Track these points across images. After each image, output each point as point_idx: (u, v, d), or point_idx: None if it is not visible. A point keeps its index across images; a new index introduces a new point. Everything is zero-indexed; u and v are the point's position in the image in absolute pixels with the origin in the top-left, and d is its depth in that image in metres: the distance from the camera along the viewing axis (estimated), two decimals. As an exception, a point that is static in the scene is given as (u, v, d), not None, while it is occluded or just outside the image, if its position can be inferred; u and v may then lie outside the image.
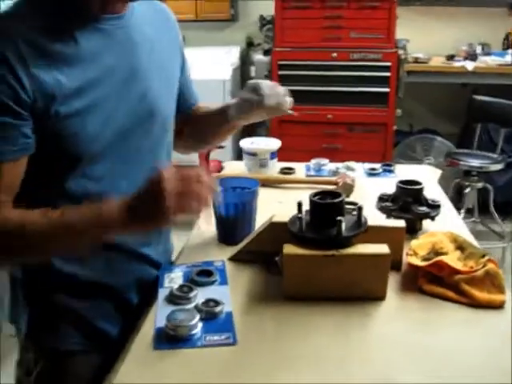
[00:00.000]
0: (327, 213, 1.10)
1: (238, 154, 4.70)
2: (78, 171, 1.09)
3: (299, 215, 1.12)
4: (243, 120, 1.38)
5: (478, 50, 4.67)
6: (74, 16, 1.07)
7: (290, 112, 1.40)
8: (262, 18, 4.62)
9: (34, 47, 1.00)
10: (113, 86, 1.11)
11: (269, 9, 4.01)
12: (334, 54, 3.78)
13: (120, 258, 1.21)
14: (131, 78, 1.15)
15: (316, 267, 1.08)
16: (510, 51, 4.58)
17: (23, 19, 1.02)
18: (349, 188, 1.64)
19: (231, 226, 1.34)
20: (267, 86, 1.35)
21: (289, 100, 1.38)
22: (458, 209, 3.68)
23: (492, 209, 3.80)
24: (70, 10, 1.06)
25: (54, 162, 1.08)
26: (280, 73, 3.88)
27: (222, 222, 1.36)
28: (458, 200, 3.93)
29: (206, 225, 1.31)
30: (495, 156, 3.77)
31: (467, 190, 3.73)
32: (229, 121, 1.37)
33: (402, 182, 1.41)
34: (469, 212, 3.83)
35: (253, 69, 4.76)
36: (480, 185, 3.73)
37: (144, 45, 1.19)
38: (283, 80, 3.86)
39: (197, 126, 1.46)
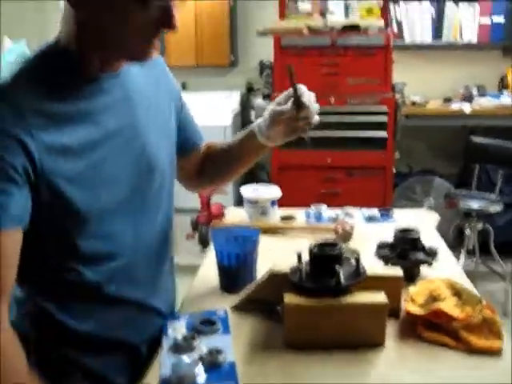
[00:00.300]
0: (326, 263, 1.13)
1: (239, 199, 4.74)
2: (86, 231, 1.11)
3: (299, 265, 1.16)
4: (273, 135, 1.35)
5: (474, 91, 4.75)
6: (73, 77, 1.09)
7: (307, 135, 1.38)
8: (261, 63, 4.72)
9: (36, 111, 1.02)
10: (113, 146, 1.14)
11: (268, 54, 4.10)
12: (332, 100, 3.85)
13: (132, 312, 1.23)
14: (130, 136, 1.17)
15: (316, 316, 1.11)
16: (505, 92, 4.66)
17: (22, 84, 1.04)
18: (347, 235, 1.68)
19: (233, 275, 1.37)
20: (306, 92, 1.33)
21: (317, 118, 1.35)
22: (459, 249, 3.70)
23: (493, 249, 3.82)
24: (68, 72, 1.09)
25: (64, 223, 1.09)
26: (280, 118, 3.92)
27: (223, 271, 1.39)
28: (458, 241, 3.95)
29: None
30: (494, 197, 3.81)
31: (467, 231, 3.76)
32: (258, 142, 1.37)
33: (399, 230, 1.44)
34: (470, 253, 3.84)
35: (253, 113, 4.84)
36: (480, 226, 3.76)
37: (141, 100, 1.21)
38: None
39: (219, 161, 1.48)
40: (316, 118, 1.34)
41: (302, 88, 1.33)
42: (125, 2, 1.01)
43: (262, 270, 1.32)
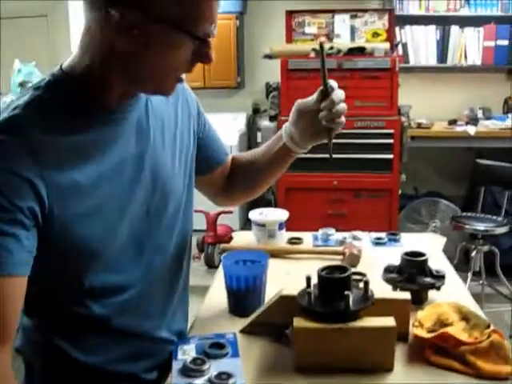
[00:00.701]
0: (335, 287, 1.14)
1: (246, 220, 4.75)
2: (96, 265, 1.10)
3: (308, 289, 1.16)
4: (298, 136, 1.33)
5: (479, 114, 4.78)
6: (88, 106, 1.06)
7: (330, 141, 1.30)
8: (267, 84, 4.76)
9: (49, 146, 0.99)
10: (126, 175, 1.12)
11: (274, 76, 4.14)
12: (339, 123, 3.88)
13: (140, 344, 1.24)
14: (144, 162, 1.15)
15: (325, 340, 1.12)
16: (510, 115, 4.69)
17: (34, 115, 1.00)
18: (355, 258, 1.68)
19: (242, 299, 1.38)
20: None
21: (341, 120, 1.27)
22: (466, 271, 3.70)
23: (499, 271, 3.81)
24: (83, 101, 1.06)
25: (73, 259, 1.07)
26: (286, 140, 3.95)
27: (232, 294, 1.40)
28: (465, 262, 3.95)
29: None
30: (500, 219, 3.81)
31: (473, 254, 3.75)
32: (285, 147, 1.35)
33: (406, 253, 1.45)
34: (476, 275, 3.84)
35: (259, 134, 4.88)
36: (486, 248, 3.76)
37: (156, 124, 1.19)
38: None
39: (246, 172, 1.47)
40: (342, 106, 1.25)
41: (333, 82, 1.25)
42: (179, 39, 1.00)
43: (270, 293, 1.33)
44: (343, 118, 1.27)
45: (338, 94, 1.24)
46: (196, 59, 1.05)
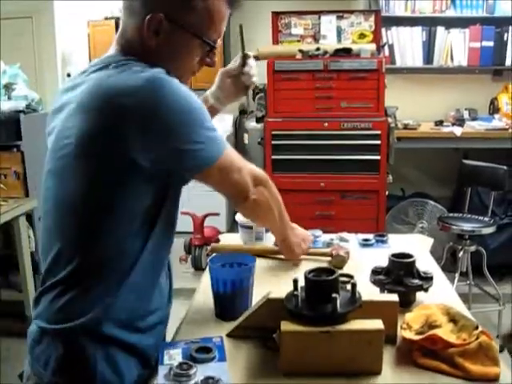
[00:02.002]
0: (322, 290, 1.13)
1: (233, 222, 4.74)
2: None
3: (295, 292, 1.15)
4: (221, 95, 1.64)
5: (466, 115, 4.80)
6: None
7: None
8: (254, 86, 4.75)
9: None
10: None
11: (261, 77, 4.13)
12: (326, 124, 3.88)
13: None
14: None
15: (312, 343, 1.10)
16: (496, 116, 4.71)
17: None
18: (343, 260, 1.68)
19: (228, 302, 1.37)
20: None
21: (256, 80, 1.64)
22: (453, 272, 3.70)
23: (486, 271, 3.82)
24: None
25: None
26: (273, 142, 3.98)
27: (219, 298, 1.38)
28: (452, 263, 3.96)
29: None
30: (486, 219, 3.82)
31: (460, 254, 3.76)
32: (212, 107, 1.63)
33: (394, 255, 1.44)
34: (463, 275, 3.85)
35: (246, 136, 4.86)
36: (473, 248, 3.77)
37: None
38: (277, 149, 3.95)
39: None
40: (256, 69, 1.63)
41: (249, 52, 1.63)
42: (193, 44, 1.25)
43: (257, 295, 1.32)
44: (256, 78, 1.64)
45: (253, 61, 1.63)
46: (203, 63, 1.30)
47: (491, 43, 4.75)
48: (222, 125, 5.10)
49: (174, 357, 1.19)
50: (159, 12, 1.20)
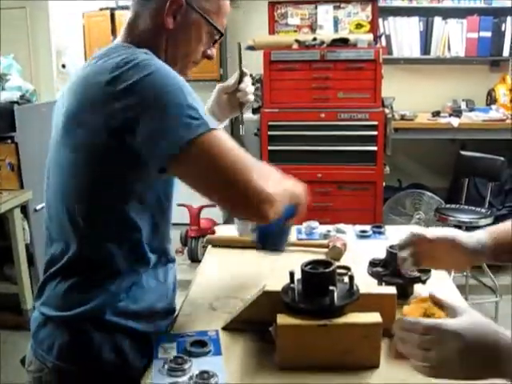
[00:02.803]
0: (319, 282, 1.12)
1: (229, 214, 4.72)
2: None
3: (291, 285, 1.14)
4: (217, 110, 1.61)
5: (463, 106, 4.78)
6: None
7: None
8: (250, 76, 4.71)
9: None
10: None
11: (257, 68, 4.10)
12: (322, 115, 3.86)
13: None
14: None
15: (309, 337, 1.09)
16: (493, 107, 4.69)
17: None
18: (339, 251, 1.66)
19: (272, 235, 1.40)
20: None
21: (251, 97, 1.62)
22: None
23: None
24: None
25: None
26: (270, 133, 3.95)
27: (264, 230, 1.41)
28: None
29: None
30: (483, 211, 3.81)
31: (458, 245, 3.75)
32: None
33: (392, 246, 1.42)
34: (460, 266, 3.84)
35: (242, 127, 4.83)
36: (470, 239, 3.75)
37: None
38: (273, 140, 3.93)
39: None
40: (252, 87, 1.62)
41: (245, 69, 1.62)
42: (203, 29, 1.29)
43: (253, 287, 1.30)
44: (252, 97, 1.63)
45: (249, 79, 1.62)
46: (204, 54, 1.34)
47: (489, 34, 4.72)
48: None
49: (168, 351, 1.17)
50: None
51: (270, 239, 1.39)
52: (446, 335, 0.95)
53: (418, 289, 1.40)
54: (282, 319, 1.10)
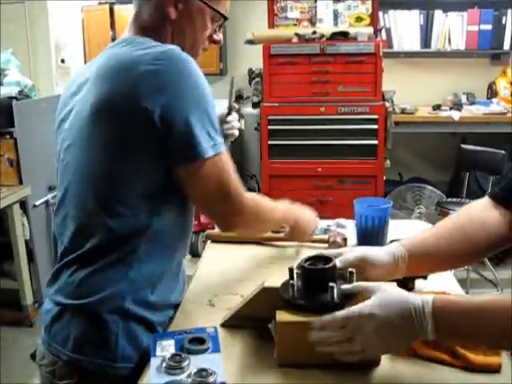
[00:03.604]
0: (319, 279, 1.10)
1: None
2: None
3: (291, 281, 1.12)
4: None
5: (463, 99, 4.76)
6: None
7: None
8: (250, 71, 4.69)
9: None
10: None
11: (257, 62, 4.08)
12: (322, 109, 3.84)
13: None
14: None
15: (309, 334, 1.07)
16: (494, 100, 4.67)
17: None
18: (340, 246, 1.64)
19: (369, 235, 1.66)
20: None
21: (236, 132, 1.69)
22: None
23: (484, 257, 3.80)
24: None
25: None
26: (269, 127, 3.93)
27: (362, 231, 1.67)
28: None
29: None
30: (484, 204, 3.79)
31: (459, 239, 3.74)
32: None
33: (391, 241, 1.41)
34: (461, 260, 3.83)
35: (242, 121, 4.81)
36: (471, 233, 3.74)
37: None
38: (273, 135, 3.91)
39: None
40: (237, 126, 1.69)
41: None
42: (208, 14, 1.32)
43: (252, 283, 1.28)
44: (237, 132, 1.69)
45: (236, 115, 1.69)
46: (211, 40, 1.37)
47: (489, 26, 4.71)
48: (218, 109, 5.05)
49: (166, 348, 1.15)
50: None
51: None
52: (361, 320, 1.01)
53: (419, 284, 1.39)
54: (282, 316, 1.09)
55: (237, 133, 1.68)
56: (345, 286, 1.10)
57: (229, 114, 1.66)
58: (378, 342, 1.01)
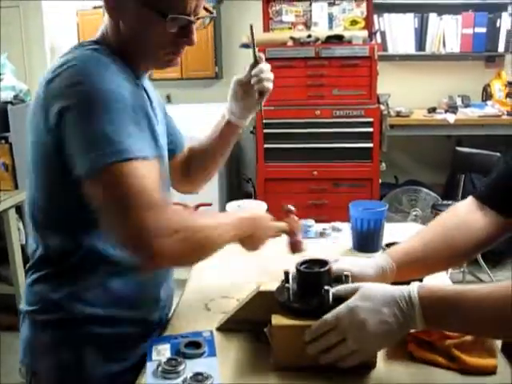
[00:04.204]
0: (315, 282, 1.10)
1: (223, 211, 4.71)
2: None
3: (286, 285, 1.12)
4: (236, 108, 1.48)
5: (458, 101, 4.76)
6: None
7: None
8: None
9: None
10: None
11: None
12: (318, 112, 3.85)
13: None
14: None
15: (304, 337, 1.07)
16: (489, 103, 4.68)
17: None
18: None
19: (365, 237, 1.68)
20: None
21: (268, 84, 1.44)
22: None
23: (480, 259, 3.81)
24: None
25: None
26: (265, 131, 3.93)
27: (357, 234, 1.69)
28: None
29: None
30: (480, 207, 3.79)
31: (454, 241, 3.74)
32: (228, 123, 1.50)
33: (387, 244, 1.41)
34: (457, 262, 3.83)
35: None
36: (467, 236, 3.74)
37: (153, 97, 1.33)
38: (269, 138, 3.92)
39: (200, 154, 1.58)
40: (270, 73, 1.45)
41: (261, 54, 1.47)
42: (148, 16, 1.13)
43: (248, 287, 1.29)
44: (271, 84, 1.45)
45: (266, 65, 1.45)
46: (178, 40, 1.18)
47: (484, 29, 4.71)
48: (213, 113, 5.06)
49: (162, 352, 1.16)
50: None
51: None
52: (350, 315, 1.03)
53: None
54: (277, 320, 1.09)
55: (269, 85, 1.44)
56: (333, 290, 1.10)
57: (255, 65, 1.44)
58: (370, 336, 1.02)
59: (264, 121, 3.90)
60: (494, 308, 0.99)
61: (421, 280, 1.37)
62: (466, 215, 1.32)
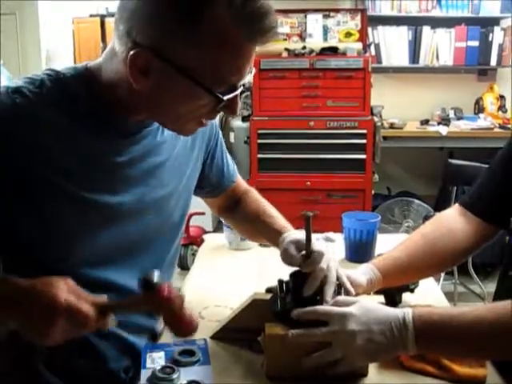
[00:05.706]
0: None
1: (218, 221, 4.71)
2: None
3: (280, 294, 1.13)
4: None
5: (451, 114, 4.81)
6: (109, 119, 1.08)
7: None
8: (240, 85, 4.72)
9: None
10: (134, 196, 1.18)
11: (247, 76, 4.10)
12: (312, 123, 3.87)
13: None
14: (152, 186, 1.20)
15: (298, 346, 1.08)
16: (481, 116, 4.72)
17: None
18: None
19: (357, 247, 1.68)
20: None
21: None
22: (438, 271, 3.70)
23: (471, 270, 3.83)
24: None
25: None
26: (259, 141, 3.96)
27: (351, 244, 1.70)
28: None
29: None
30: (472, 219, 3.81)
31: (446, 253, 3.75)
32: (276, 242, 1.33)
33: (379, 255, 1.43)
34: (448, 273, 3.85)
35: (232, 135, 4.83)
36: (458, 247, 3.76)
37: (168, 151, 1.21)
38: (262, 148, 3.94)
39: (243, 218, 1.56)
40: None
41: (319, 246, 1.19)
42: (198, 92, 0.95)
43: (242, 295, 1.30)
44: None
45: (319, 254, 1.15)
46: (221, 110, 1.02)
47: (476, 43, 4.76)
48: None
49: (156, 360, 1.16)
50: (147, 44, 0.92)
51: None
52: (342, 317, 1.04)
53: (406, 297, 1.40)
54: (271, 329, 1.10)
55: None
56: (331, 302, 1.11)
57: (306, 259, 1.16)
58: (355, 351, 1.03)
59: (258, 131, 3.93)
60: (489, 334, 1.01)
61: (412, 291, 1.39)
62: (449, 224, 1.35)
